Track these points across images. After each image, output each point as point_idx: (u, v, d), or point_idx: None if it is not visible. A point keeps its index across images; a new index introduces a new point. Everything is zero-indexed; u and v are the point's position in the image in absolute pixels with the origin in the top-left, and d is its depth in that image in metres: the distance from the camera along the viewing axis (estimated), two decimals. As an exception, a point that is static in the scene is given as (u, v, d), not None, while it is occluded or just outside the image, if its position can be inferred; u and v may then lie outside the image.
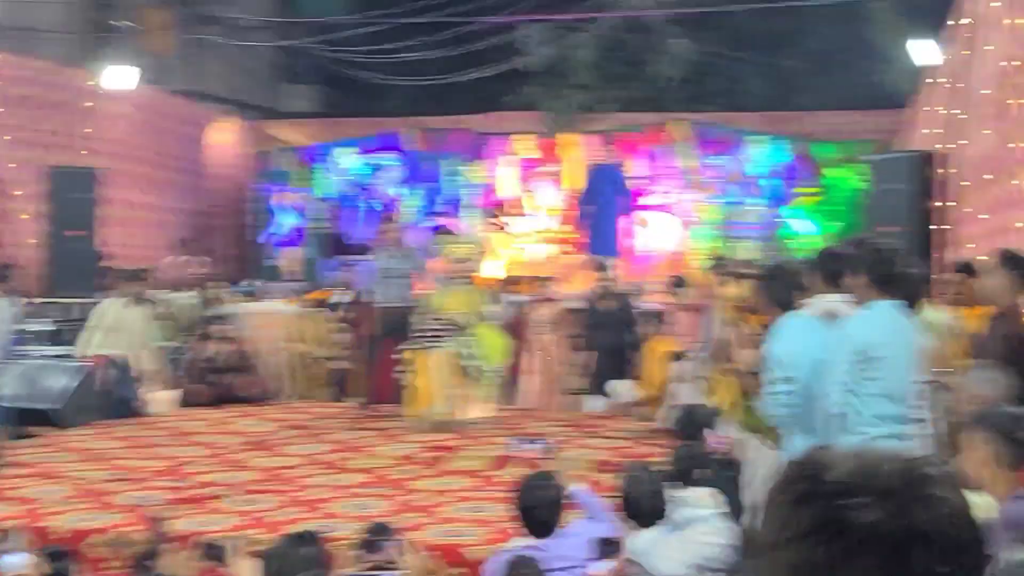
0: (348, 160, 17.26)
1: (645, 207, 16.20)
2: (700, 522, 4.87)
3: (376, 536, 3.85)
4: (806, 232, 15.58)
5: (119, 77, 13.83)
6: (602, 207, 13.48)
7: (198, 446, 8.38)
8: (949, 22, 11.29)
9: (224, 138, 17.79)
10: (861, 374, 4.97)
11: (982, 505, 3.76)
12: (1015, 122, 7.99)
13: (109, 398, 9.68)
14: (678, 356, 8.94)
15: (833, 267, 5.28)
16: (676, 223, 16.13)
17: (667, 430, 7.21)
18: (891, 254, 5.06)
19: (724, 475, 5.78)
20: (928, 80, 13.02)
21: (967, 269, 7.15)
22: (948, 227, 11.25)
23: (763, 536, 1.18)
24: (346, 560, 3.65)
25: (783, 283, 5.45)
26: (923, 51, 12.43)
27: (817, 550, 1.11)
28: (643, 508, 4.74)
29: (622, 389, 9.67)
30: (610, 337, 9.78)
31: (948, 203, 11.21)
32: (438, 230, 16.39)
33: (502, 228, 16.61)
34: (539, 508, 4.25)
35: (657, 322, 9.63)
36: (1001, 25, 8.57)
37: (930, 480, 1.14)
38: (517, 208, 16.62)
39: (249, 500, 6.58)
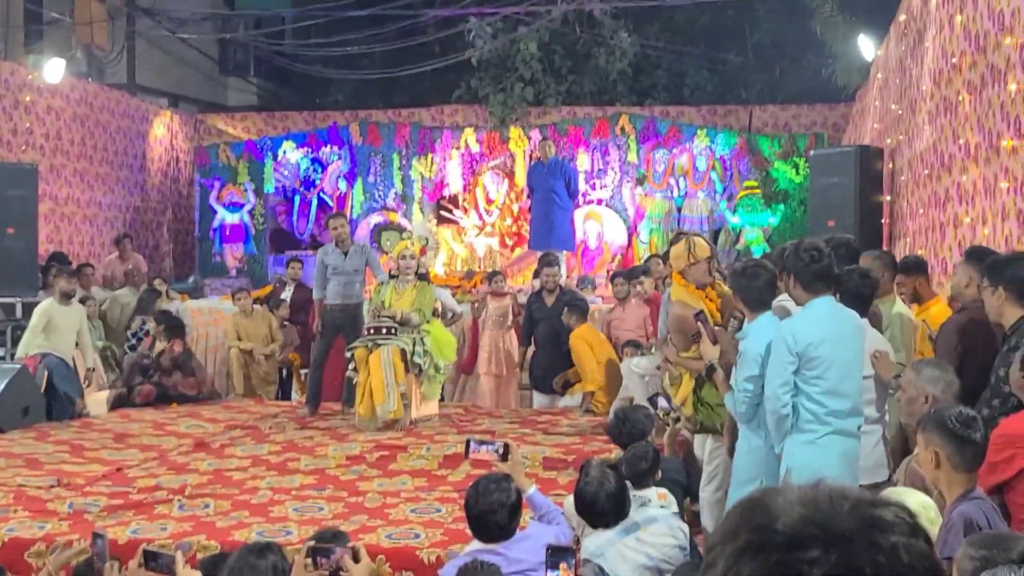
0: (293, 155, 17.08)
1: (591, 201, 16.22)
2: (654, 523, 4.84)
3: (324, 541, 3.75)
4: (751, 225, 15.65)
5: (56, 71, 13.57)
6: (548, 201, 13.40)
7: (140, 448, 8.19)
8: (895, 17, 11.36)
9: (165, 132, 17.51)
10: (804, 374, 4.98)
11: (932, 506, 3.76)
12: (957, 118, 8.05)
13: (46, 399, 9.46)
14: (636, 346, 8.93)
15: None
16: (622, 217, 16.16)
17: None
18: (817, 253, 5.07)
19: (673, 477, 5.77)
20: (873, 75, 13.12)
21: (917, 266, 7.18)
22: (893, 222, 11.35)
23: None
24: (297, 567, 3.55)
25: (758, 281, 5.43)
26: (869, 46, 12.51)
27: None
28: (602, 509, 4.69)
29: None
30: (554, 331, 9.71)
31: (890, 198, 11.31)
32: (385, 225, 16.26)
33: (451, 223, 16.53)
34: (494, 513, 4.17)
35: (580, 313, 9.53)
36: (944, 21, 8.63)
37: (883, 524, 1.10)
38: (466, 202, 16.55)
39: (195, 504, 6.44)
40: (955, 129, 8.09)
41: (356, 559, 3.57)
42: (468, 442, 4.73)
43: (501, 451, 4.55)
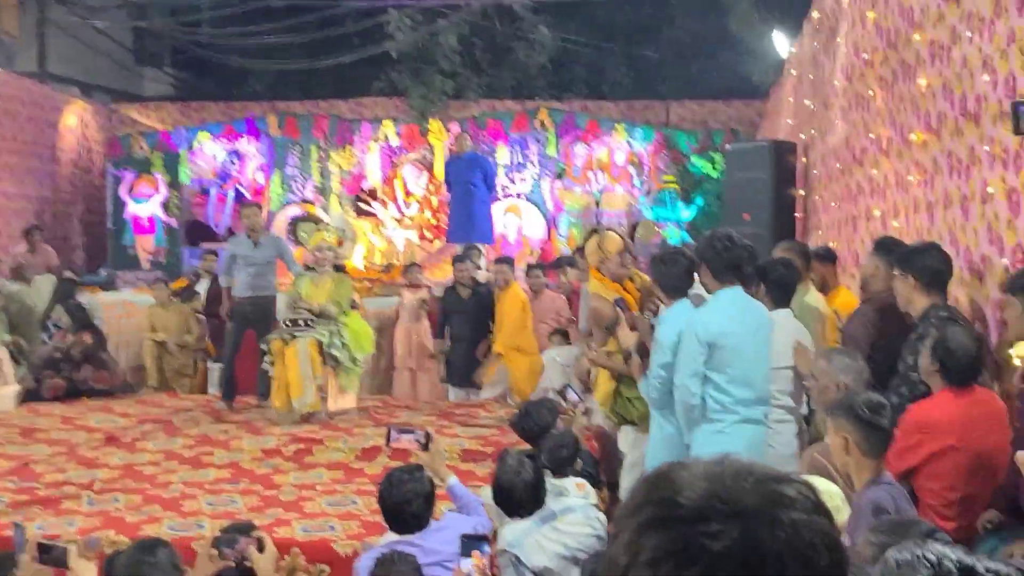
0: (210, 145, 16.82)
1: (511, 195, 16.25)
2: (571, 512, 4.85)
3: (231, 533, 3.70)
4: (669, 219, 15.81)
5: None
6: (466, 194, 13.37)
7: (48, 443, 7.99)
8: (808, 14, 11.53)
9: (77, 122, 17.12)
10: (712, 363, 5.03)
11: (838, 494, 3.81)
12: (869, 113, 8.19)
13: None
14: (564, 335, 8.95)
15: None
16: (541, 211, 16.22)
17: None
18: (729, 243, 5.13)
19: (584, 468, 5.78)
20: (787, 71, 13.31)
21: (829, 255, 7.30)
22: (807, 215, 11.52)
23: (614, 559, 1.12)
24: (202, 559, 3.50)
25: (676, 268, 5.46)
26: (783, 42, 12.69)
27: None
28: (519, 498, 4.68)
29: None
30: (469, 325, 9.69)
31: (803, 192, 11.48)
32: (303, 218, 16.10)
33: (370, 215, 16.42)
34: (409, 503, 4.14)
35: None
36: (856, 18, 8.77)
37: (785, 500, 1.10)
38: (385, 195, 16.46)
39: (104, 499, 6.30)
40: (867, 124, 8.24)
41: (261, 549, 3.53)
42: (389, 430, 4.70)
43: (423, 440, 4.52)
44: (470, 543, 3.32)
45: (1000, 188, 5.04)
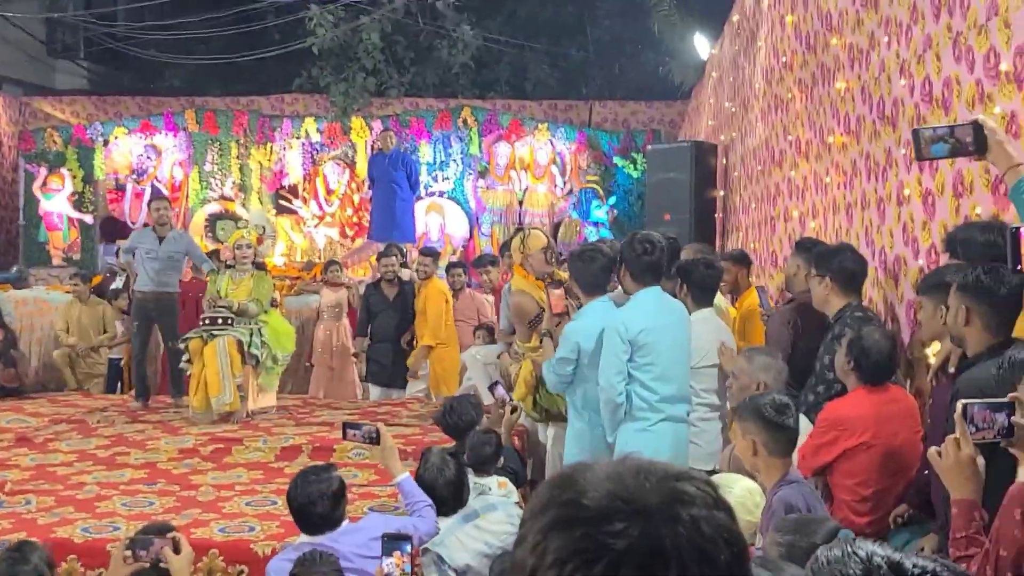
0: (126, 140, 16.51)
1: (433, 193, 16.22)
2: (493, 510, 4.85)
3: (146, 534, 3.63)
4: (591, 219, 15.90)
5: None
6: (389, 192, 13.29)
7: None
8: (728, 17, 11.67)
9: (-12, 115, 16.70)
10: (637, 361, 5.07)
11: (757, 491, 3.86)
12: (788, 115, 8.31)
13: None
14: (489, 330, 8.94)
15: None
16: (464, 209, 16.21)
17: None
18: (649, 245, 5.18)
19: (509, 466, 5.78)
20: (708, 73, 13.46)
21: (744, 257, 7.39)
22: (727, 216, 11.67)
23: (521, 562, 1.14)
24: (115, 561, 3.43)
25: (594, 265, 5.48)
26: (704, 44, 12.83)
27: None
28: (441, 496, 4.66)
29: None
30: (393, 323, 9.61)
31: (723, 193, 11.62)
32: (221, 215, 15.89)
33: (290, 213, 16.27)
34: (315, 504, 4.09)
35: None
36: (775, 21, 8.90)
37: (685, 498, 1.13)
38: (306, 192, 16.32)
39: (14, 501, 6.14)
40: (786, 126, 8.36)
41: (177, 550, 3.47)
42: (344, 425, 4.64)
43: (374, 435, 4.48)
44: (391, 543, 3.29)
45: (916, 191, 5.15)
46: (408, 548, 3.29)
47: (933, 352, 4.49)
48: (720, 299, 6.54)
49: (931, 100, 4.98)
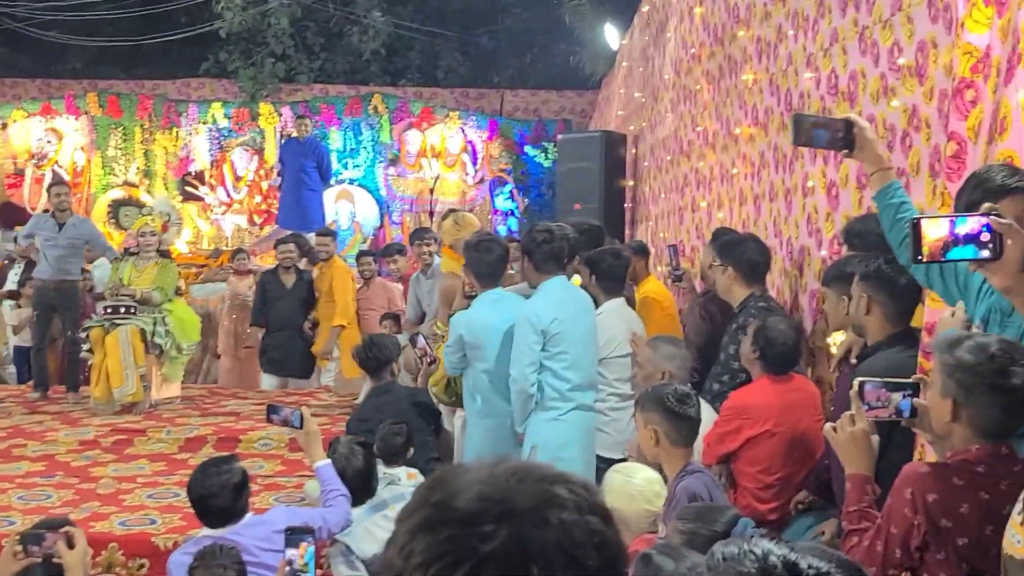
0: (25, 124, 16.05)
1: (344, 180, 16.08)
2: (402, 500, 4.81)
3: (40, 528, 3.53)
4: (502, 207, 15.92)
5: None
6: (298, 180, 13.10)
7: None
8: (639, 7, 11.74)
9: None
10: (549, 351, 5.08)
11: (658, 480, 3.88)
12: (696, 106, 8.39)
13: None
14: (395, 319, 8.88)
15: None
16: (375, 197, 16.11)
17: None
18: (548, 235, 5.21)
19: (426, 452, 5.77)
20: (619, 63, 13.54)
21: (642, 248, 7.44)
22: (636, 206, 11.76)
23: (389, 562, 1.13)
24: (5, 556, 3.32)
25: (490, 256, 5.46)
26: (614, 35, 12.90)
27: None
28: (350, 486, 4.62)
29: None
30: (291, 311, 9.39)
31: (633, 183, 11.71)
32: (125, 201, 15.55)
33: (197, 199, 16.00)
34: (215, 496, 4.01)
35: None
36: (684, 12, 8.97)
37: (556, 501, 1.11)
38: (213, 179, 16.06)
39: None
40: (694, 117, 8.44)
41: (71, 545, 3.37)
42: (268, 408, 4.56)
43: (297, 420, 4.40)
44: (295, 536, 3.24)
45: (821, 182, 5.22)
46: (312, 540, 3.23)
47: (834, 342, 4.57)
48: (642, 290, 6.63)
49: (837, 93, 5.06)
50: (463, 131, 16.29)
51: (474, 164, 16.28)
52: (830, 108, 5.15)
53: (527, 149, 16.14)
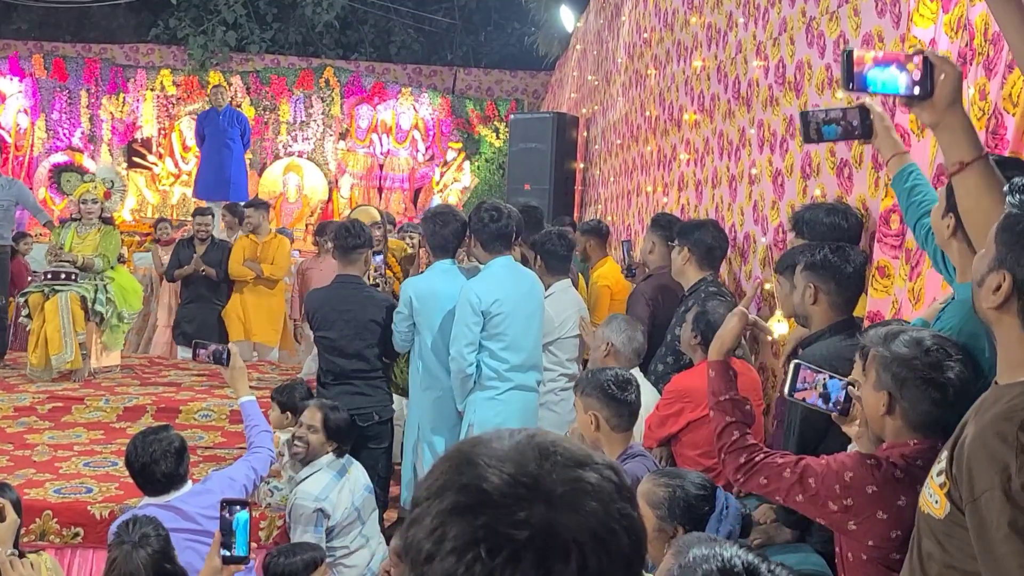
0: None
1: (292, 153, 15.97)
2: (352, 464, 4.94)
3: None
4: (453, 185, 15.89)
5: None
6: (222, 150, 12.87)
7: None
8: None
9: None
10: (488, 331, 5.12)
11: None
12: (646, 90, 8.42)
13: None
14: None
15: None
16: (323, 170, 16.01)
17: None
18: (496, 213, 5.23)
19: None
20: (573, 45, 13.54)
21: (596, 229, 7.47)
22: (586, 188, 11.79)
23: (417, 544, 1.11)
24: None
25: (446, 229, 5.47)
26: (569, 17, 12.90)
27: (475, 566, 1.06)
28: (334, 438, 4.83)
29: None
30: (205, 282, 9.28)
31: (583, 165, 11.74)
32: (67, 166, 15.30)
33: (144, 168, 15.79)
34: (157, 462, 3.98)
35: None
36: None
37: (589, 488, 1.12)
38: (161, 148, 15.85)
39: None
40: (643, 101, 8.47)
41: (2, 517, 3.34)
42: (194, 345, 4.56)
43: (224, 357, 4.40)
44: (229, 506, 3.22)
45: (767, 170, 5.27)
46: (241, 509, 3.21)
47: (771, 329, 4.62)
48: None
49: (784, 82, 5.11)
50: (415, 108, 16.22)
51: (425, 141, 16.23)
52: (777, 97, 5.19)
53: (478, 128, 16.11)
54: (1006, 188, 1.95)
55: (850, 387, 2.83)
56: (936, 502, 1.93)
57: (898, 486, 2.48)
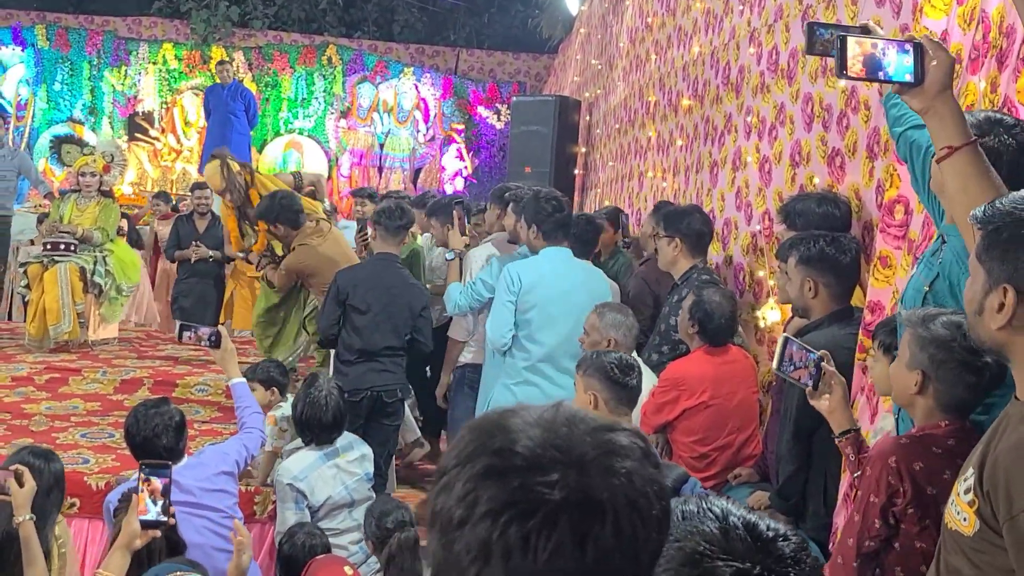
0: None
1: (294, 130, 15.96)
2: (350, 449, 4.94)
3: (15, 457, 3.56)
4: (452, 166, 15.89)
5: None
6: (226, 125, 12.90)
7: None
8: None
9: None
10: (518, 317, 5.10)
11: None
12: (645, 75, 8.43)
13: None
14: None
15: None
16: (324, 148, 16.01)
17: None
18: (557, 203, 5.26)
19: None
20: (577, 29, 13.53)
21: (612, 216, 7.48)
22: (586, 172, 11.80)
23: (447, 511, 1.11)
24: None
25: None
26: (574, 0, 12.88)
27: (509, 528, 1.06)
28: (325, 423, 4.80)
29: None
30: (204, 258, 9.31)
31: (584, 149, 11.74)
32: (67, 138, 15.27)
33: (147, 143, 15.78)
34: (159, 436, 4.02)
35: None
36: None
37: (618, 450, 1.13)
38: (164, 122, 15.84)
39: None
40: (643, 87, 8.48)
41: (20, 483, 3.38)
42: (180, 327, 4.58)
43: (213, 338, 4.43)
44: (151, 470, 3.27)
45: (754, 157, 5.29)
46: (167, 473, 3.26)
47: (763, 316, 4.66)
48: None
49: (776, 70, 5.12)
50: (416, 88, 16.21)
51: (426, 122, 16.22)
52: (768, 85, 5.21)
53: (480, 109, 16.10)
54: (971, 217, 1.95)
55: (822, 363, 2.87)
56: (964, 519, 1.91)
57: (941, 460, 2.47)
